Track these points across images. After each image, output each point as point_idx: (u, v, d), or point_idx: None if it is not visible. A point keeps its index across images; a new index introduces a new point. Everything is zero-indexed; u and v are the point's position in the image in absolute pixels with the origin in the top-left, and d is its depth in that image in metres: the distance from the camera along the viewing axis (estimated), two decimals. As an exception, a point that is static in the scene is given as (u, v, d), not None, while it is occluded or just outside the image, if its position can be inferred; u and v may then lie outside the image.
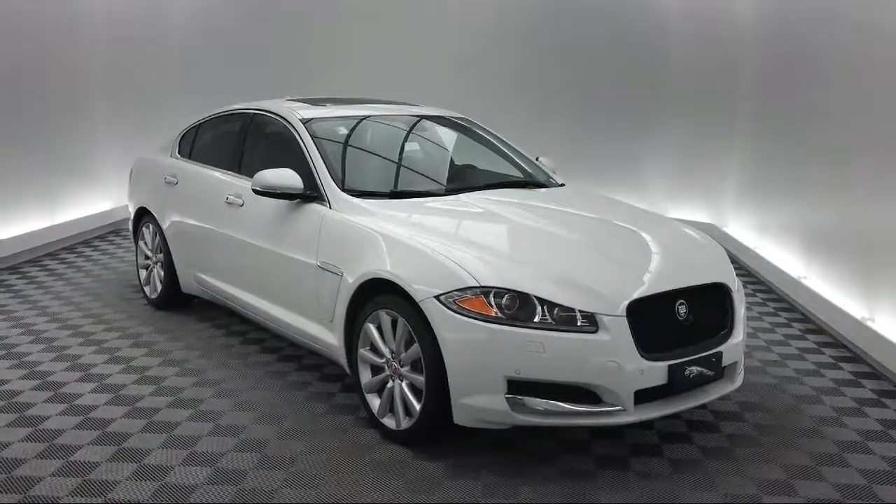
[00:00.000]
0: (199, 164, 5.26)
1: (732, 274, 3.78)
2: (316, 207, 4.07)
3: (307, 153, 4.29)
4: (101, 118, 8.38)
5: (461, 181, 4.67)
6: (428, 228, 3.70)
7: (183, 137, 5.62)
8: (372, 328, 3.57)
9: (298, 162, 4.27)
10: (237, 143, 4.97)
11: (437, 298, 3.22)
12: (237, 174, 4.78)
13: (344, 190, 4.06)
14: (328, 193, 4.06)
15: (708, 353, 3.37)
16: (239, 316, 4.99)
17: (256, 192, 4.13)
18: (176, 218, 5.23)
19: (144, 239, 5.66)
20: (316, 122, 4.54)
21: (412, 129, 4.99)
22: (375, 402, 3.61)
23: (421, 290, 3.28)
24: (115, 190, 8.35)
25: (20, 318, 5.33)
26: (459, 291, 3.20)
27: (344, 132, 4.66)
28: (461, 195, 4.20)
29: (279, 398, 4.03)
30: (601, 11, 8.28)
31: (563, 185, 4.78)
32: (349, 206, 3.96)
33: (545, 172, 4.90)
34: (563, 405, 3.11)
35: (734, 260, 5.88)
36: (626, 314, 3.16)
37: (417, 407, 3.36)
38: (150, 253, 5.61)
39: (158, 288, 5.50)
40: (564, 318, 3.13)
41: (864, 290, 4.87)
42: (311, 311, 4.02)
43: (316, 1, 8.90)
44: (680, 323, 3.34)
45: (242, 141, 4.94)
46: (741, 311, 3.67)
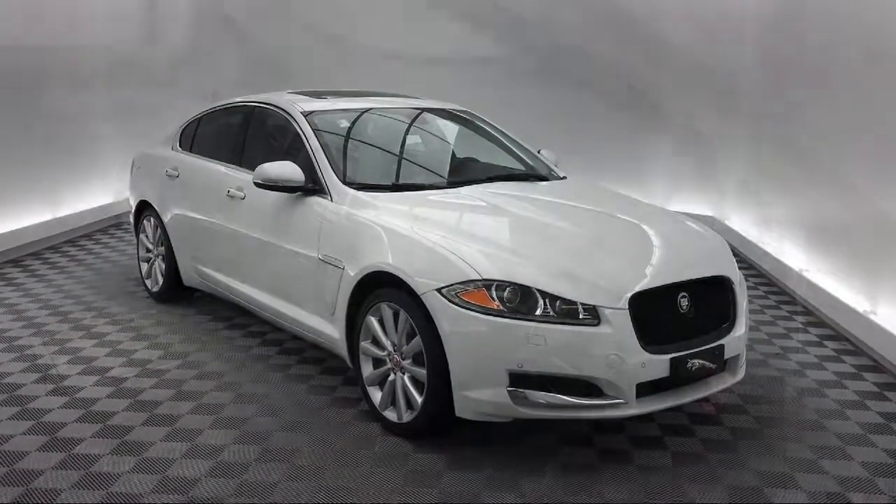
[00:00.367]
0: (200, 157, 5.24)
1: (734, 267, 3.77)
2: (317, 200, 4.06)
3: (308, 146, 4.28)
4: (102, 112, 8.37)
5: (463, 174, 4.66)
6: (429, 221, 3.69)
7: (184, 130, 5.60)
8: (373, 321, 3.56)
9: (300, 155, 4.27)
10: (238, 136, 4.96)
11: (438, 291, 3.21)
12: (238, 167, 4.77)
13: (345, 183, 4.05)
14: (329, 186, 4.05)
15: (710, 345, 3.37)
16: (240, 309, 4.99)
17: (258, 185, 4.12)
18: (177, 211, 5.23)
19: (146, 232, 5.66)
20: (317, 114, 4.53)
21: (413, 121, 4.97)
22: (377, 395, 3.61)
23: (422, 282, 3.28)
24: (116, 183, 8.34)
25: (22, 311, 5.34)
26: (461, 284, 3.19)
27: (345, 125, 4.64)
28: (463, 188, 4.19)
29: (281, 391, 4.03)
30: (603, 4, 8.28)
31: (564, 177, 4.77)
32: (350, 199, 3.95)
33: (547, 165, 4.88)
34: (564, 398, 3.11)
35: (736, 253, 5.87)
36: (628, 307, 3.15)
37: (419, 400, 3.36)
38: (151, 246, 5.61)
39: (160, 281, 5.50)
40: (566, 311, 3.13)
41: (865, 282, 4.87)
42: (312, 303, 4.01)
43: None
44: (682, 316, 3.33)
45: (244, 134, 4.93)
46: (743, 303, 3.66)
